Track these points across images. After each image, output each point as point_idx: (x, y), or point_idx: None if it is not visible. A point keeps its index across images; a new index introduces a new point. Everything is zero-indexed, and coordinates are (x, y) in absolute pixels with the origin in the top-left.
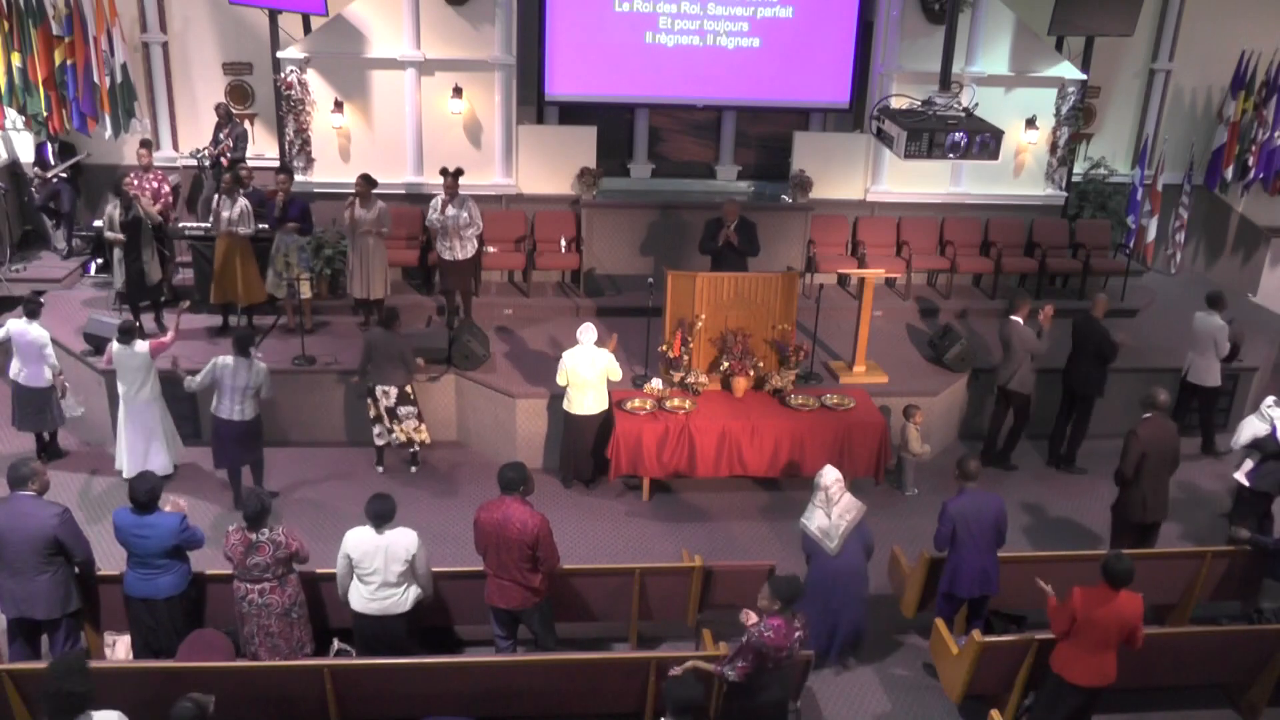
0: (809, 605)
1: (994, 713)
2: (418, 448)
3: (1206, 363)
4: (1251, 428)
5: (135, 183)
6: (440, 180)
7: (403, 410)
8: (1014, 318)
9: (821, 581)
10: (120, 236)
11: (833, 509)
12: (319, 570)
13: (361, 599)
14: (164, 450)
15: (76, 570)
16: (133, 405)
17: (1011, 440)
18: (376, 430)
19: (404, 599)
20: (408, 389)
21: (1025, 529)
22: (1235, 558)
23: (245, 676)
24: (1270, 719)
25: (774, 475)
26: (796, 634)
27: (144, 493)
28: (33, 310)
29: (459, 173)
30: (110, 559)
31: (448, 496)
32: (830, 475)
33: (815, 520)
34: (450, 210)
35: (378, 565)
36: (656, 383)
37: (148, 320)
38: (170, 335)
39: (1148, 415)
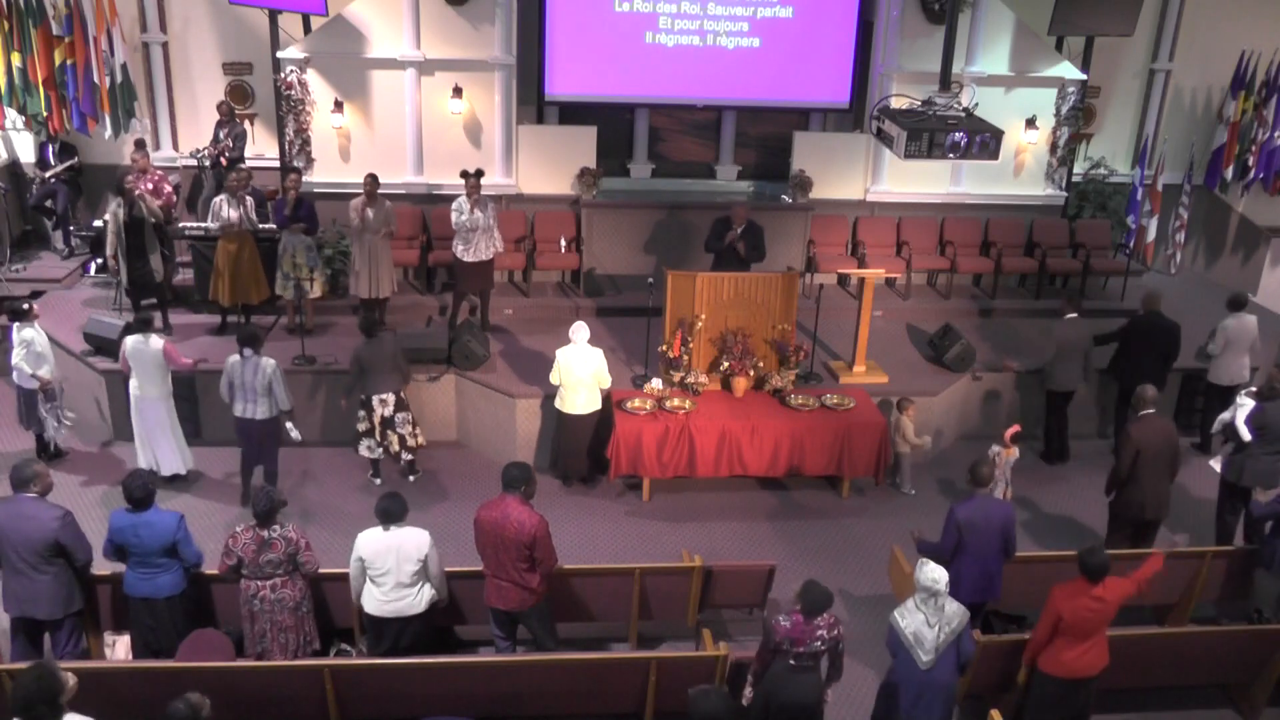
0: (886, 711)
1: (994, 713)
2: (413, 456)
3: (1241, 363)
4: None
5: (136, 182)
6: (460, 181)
7: (399, 417)
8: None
9: (904, 691)
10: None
11: (940, 617)
12: (318, 570)
13: (376, 602)
14: (176, 450)
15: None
16: (142, 401)
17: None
18: (365, 445)
19: (419, 600)
20: (403, 394)
21: (1023, 526)
22: (1235, 558)
23: (245, 676)
24: (1270, 719)
25: (774, 475)
26: (819, 633)
27: (139, 489)
28: (17, 314)
29: (480, 174)
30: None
31: (448, 496)
32: (945, 578)
33: (911, 623)
34: (478, 212)
35: (390, 565)
36: (656, 383)
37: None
38: (189, 361)
39: (1141, 414)
